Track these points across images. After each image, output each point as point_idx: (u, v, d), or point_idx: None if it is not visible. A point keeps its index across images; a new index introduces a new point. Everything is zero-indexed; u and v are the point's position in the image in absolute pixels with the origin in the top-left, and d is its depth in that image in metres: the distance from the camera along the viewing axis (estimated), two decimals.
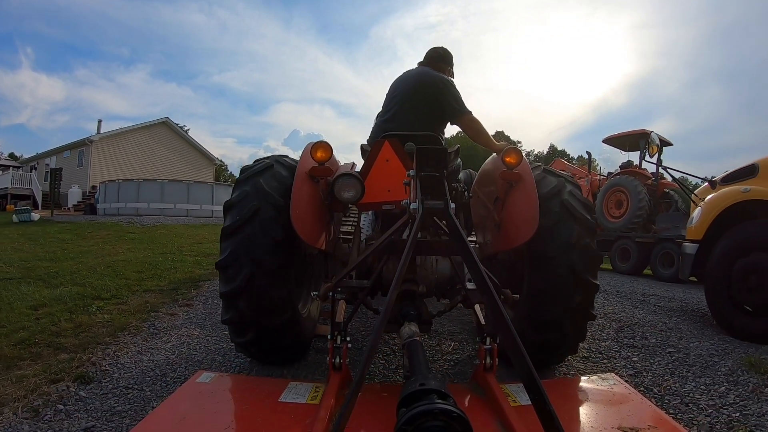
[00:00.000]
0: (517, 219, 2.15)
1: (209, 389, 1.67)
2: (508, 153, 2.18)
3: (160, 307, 3.82)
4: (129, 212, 15.78)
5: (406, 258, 1.43)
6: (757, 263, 3.45)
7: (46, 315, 3.58)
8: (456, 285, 2.26)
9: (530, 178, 2.20)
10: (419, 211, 1.59)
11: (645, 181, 8.87)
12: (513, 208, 2.20)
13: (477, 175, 2.92)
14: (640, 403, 1.69)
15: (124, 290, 4.36)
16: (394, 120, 2.82)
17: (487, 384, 1.72)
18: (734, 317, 3.56)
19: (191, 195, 16.80)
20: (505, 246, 2.22)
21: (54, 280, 5.02)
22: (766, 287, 3.38)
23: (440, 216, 1.70)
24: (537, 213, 2.05)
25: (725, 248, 3.70)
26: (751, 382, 2.53)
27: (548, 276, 2.11)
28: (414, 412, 1.05)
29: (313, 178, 2.20)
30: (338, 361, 1.76)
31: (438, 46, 3.21)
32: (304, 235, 2.02)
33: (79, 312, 3.64)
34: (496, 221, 2.30)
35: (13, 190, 25.28)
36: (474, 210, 2.88)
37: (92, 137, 26.07)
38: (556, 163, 12.58)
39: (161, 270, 5.50)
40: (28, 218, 14.29)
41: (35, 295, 4.28)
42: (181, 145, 29.71)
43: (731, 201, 3.74)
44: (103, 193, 17.31)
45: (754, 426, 2.02)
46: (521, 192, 2.18)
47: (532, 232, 2.03)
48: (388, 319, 1.39)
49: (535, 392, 1.09)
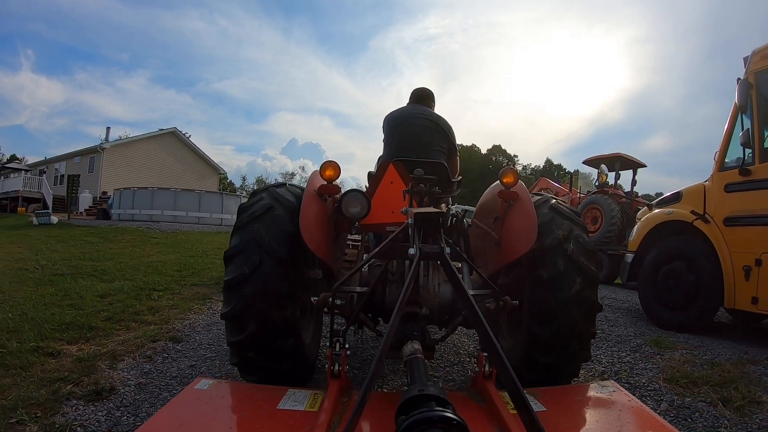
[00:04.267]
0: (516, 233, 2.18)
1: (208, 396, 1.66)
2: (505, 174, 2.25)
3: (211, 296, 4.81)
4: (143, 218, 16.76)
5: (407, 287, 1.50)
6: (675, 269, 4.47)
7: (116, 302, 4.49)
8: (457, 308, 2.23)
9: (526, 195, 2.28)
10: (417, 255, 1.63)
11: (619, 200, 9.91)
12: (512, 223, 2.25)
13: (476, 207, 2.95)
14: (640, 411, 1.67)
15: (173, 284, 5.34)
16: (403, 149, 2.90)
17: (486, 391, 1.71)
18: (658, 311, 4.59)
19: (202, 203, 17.89)
20: (506, 259, 2.22)
21: (104, 276, 5.91)
22: (680, 288, 4.40)
23: (437, 258, 1.72)
24: (535, 226, 2.09)
25: (653, 258, 4.73)
26: (649, 351, 3.54)
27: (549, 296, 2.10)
28: (413, 420, 1.05)
29: (321, 195, 2.23)
30: (337, 368, 1.75)
31: (424, 87, 3.36)
32: (312, 245, 2.02)
33: (144, 299, 4.60)
34: (495, 240, 2.34)
35: (24, 193, 26.16)
36: (473, 240, 2.89)
37: (103, 144, 27.26)
38: (541, 182, 13.64)
39: (197, 269, 6.48)
40: (48, 221, 15.16)
41: (95, 287, 5.14)
42: (187, 155, 30.99)
43: (658, 221, 4.79)
44: (117, 199, 18.30)
45: (636, 374, 3.01)
46: (519, 209, 2.23)
47: (531, 243, 2.06)
48: (391, 341, 1.40)
49: (519, 402, 1.13)
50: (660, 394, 2.67)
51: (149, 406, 2.26)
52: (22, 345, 2.96)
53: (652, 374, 2.99)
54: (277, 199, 2.20)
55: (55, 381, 2.45)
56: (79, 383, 2.45)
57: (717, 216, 4.14)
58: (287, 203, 2.19)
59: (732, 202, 4.04)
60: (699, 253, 4.28)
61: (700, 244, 4.29)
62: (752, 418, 2.36)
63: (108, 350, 2.99)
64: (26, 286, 5.13)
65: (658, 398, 2.60)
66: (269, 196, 2.22)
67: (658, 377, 2.92)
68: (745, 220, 3.90)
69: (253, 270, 1.99)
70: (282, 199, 2.21)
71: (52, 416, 2.08)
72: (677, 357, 3.37)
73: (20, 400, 2.18)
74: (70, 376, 2.53)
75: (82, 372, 2.60)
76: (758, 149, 3.85)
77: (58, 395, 2.28)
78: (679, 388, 2.73)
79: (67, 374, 2.55)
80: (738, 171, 3.96)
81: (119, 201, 18.22)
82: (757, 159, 3.85)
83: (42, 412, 2.10)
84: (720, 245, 4.06)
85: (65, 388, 2.36)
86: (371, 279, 2.25)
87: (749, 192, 3.90)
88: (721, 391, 2.65)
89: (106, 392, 2.35)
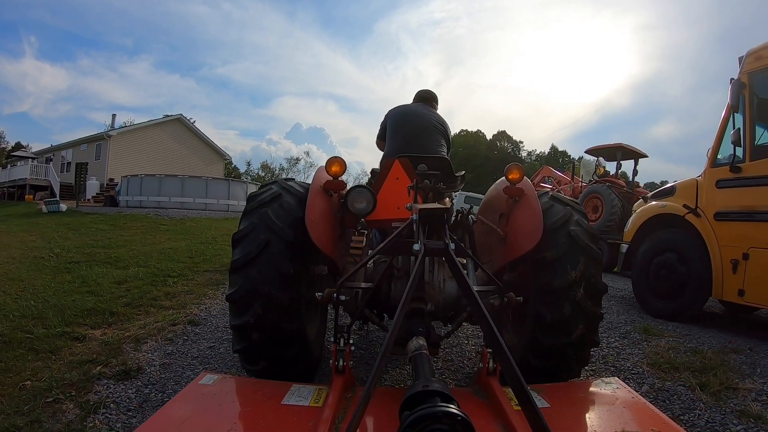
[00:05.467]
0: (522, 229, 2.18)
1: (212, 391, 1.67)
2: (510, 170, 2.25)
3: (224, 281, 5.03)
4: (151, 205, 16.99)
5: (412, 284, 1.50)
6: (667, 261, 4.64)
7: (133, 288, 4.72)
8: (462, 305, 2.24)
9: (532, 191, 2.27)
10: (421, 251, 1.64)
11: (620, 189, 10.03)
12: (517, 220, 2.25)
13: (481, 204, 2.92)
14: (643, 407, 1.68)
15: (186, 270, 5.58)
16: (408, 144, 2.96)
17: (490, 387, 1.72)
18: (650, 300, 4.78)
19: (210, 190, 18.12)
20: (511, 256, 2.23)
21: (119, 263, 6.13)
22: (671, 278, 4.58)
23: (441, 254, 1.72)
24: (541, 222, 2.10)
25: (646, 249, 4.91)
26: (637, 338, 3.74)
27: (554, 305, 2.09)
28: (417, 415, 1.06)
29: (327, 191, 2.25)
30: (341, 363, 1.75)
31: (428, 89, 3.53)
32: (318, 240, 2.03)
33: (160, 285, 4.83)
34: (501, 236, 2.33)
35: (32, 181, 26.49)
36: (478, 236, 2.91)
37: (110, 132, 27.51)
38: (544, 170, 13.77)
39: (209, 256, 6.72)
40: (57, 209, 15.39)
41: (111, 274, 5.37)
42: (193, 141, 31.19)
43: (652, 213, 4.96)
44: (125, 187, 18.51)
45: (622, 359, 3.21)
46: (524, 204, 2.23)
47: (536, 239, 2.07)
48: (396, 337, 1.39)
49: (523, 399, 1.14)
50: (642, 377, 2.87)
51: (174, 383, 2.49)
52: (49, 331, 3.19)
53: (637, 359, 3.19)
54: (286, 188, 2.24)
55: (85, 363, 2.67)
56: (107, 364, 2.68)
57: (708, 210, 4.29)
58: (296, 192, 2.23)
59: (722, 197, 4.19)
60: (690, 245, 4.45)
61: (692, 237, 4.45)
62: (727, 402, 2.54)
63: (131, 334, 3.23)
64: (44, 274, 5.36)
65: (640, 381, 2.81)
66: (279, 186, 2.27)
67: (642, 362, 3.13)
68: (734, 216, 4.06)
69: (260, 250, 2.00)
70: (291, 189, 2.25)
71: (85, 395, 2.30)
72: (663, 344, 3.57)
73: (54, 381, 2.39)
74: (98, 358, 2.76)
75: (109, 354, 2.83)
76: (749, 148, 3.99)
77: (89, 376, 2.51)
78: (661, 373, 2.94)
79: (95, 356, 2.78)
80: (729, 168, 4.10)
81: (127, 188, 18.44)
82: (748, 157, 3.99)
83: (76, 391, 2.32)
84: (710, 239, 4.22)
85: (95, 369, 2.59)
86: (376, 275, 2.26)
87: (739, 189, 4.05)
88: (701, 377, 2.84)
89: (134, 372, 2.58)
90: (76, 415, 2.09)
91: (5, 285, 4.66)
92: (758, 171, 3.90)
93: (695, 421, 2.34)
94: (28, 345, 2.92)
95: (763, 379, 2.91)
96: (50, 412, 2.10)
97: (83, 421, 2.03)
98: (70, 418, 2.06)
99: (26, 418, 2.02)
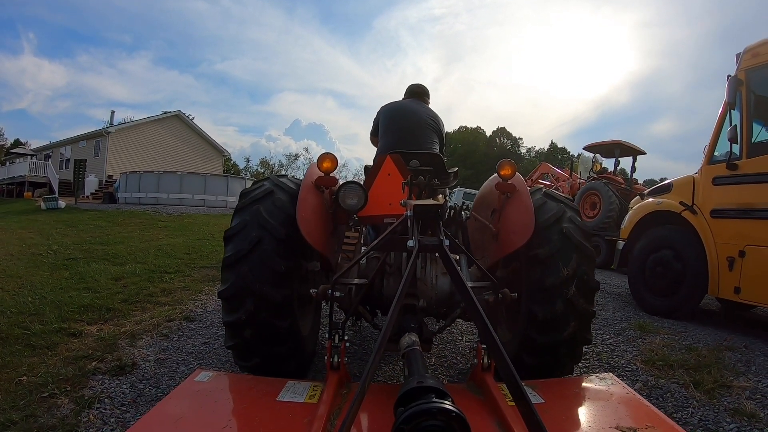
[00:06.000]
0: (514, 224, 2.19)
1: (207, 388, 1.66)
2: (502, 166, 2.25)
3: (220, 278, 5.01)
4: (150, 202, 16.98)
5: (406, 279, 1.51)
6: (663, 257, 4.65)
7: (130, 284, 4.74)
8: (455, 301, 2.25)
9: (524, 187, 2.29)
10: (415, 247, 1.64)
11: (618, 186, 10.03)
12: (509, 215, 2.25)
13: (474, 200, 2.96)
14: (638, 403, 1.69)
15: (183, 267, 5.58)
16: (401, 140, 2.97)
17: (485, 383, 1.72)
18: (646, 297, 4.79)
19: (208, 186, 18.12)
20: (503, 251, 2.23)
21: (116, 260, 6.13)
22: (667, 276, 4.58)
23: (436, 250, 1.73)
24: (532, 218, 2.12)
25: (642, 246, 4.92)
26: (632, 335, 3.75)
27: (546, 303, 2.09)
28: (412, 411, 1.06)
29: (319, 187, 2.25)
30: (336, 360, 1.74)
31: (420, 84, 3.47)
32: (309, 237, 2.02)
33: (157, 281, 4.84)
34: (493, 232, 2.34)
35: (31, 178, 26.38)
36: (472, 233, 2.92)
37: (108, 128, 27.45)
38: (542, 167, 13.76)
39: (206, 252, 6.73)
40: (56, 206, 15.30)
41: (108, 271, 5.38)
42: (192, 138, 31.11)
43: (648, 210, 4.96)
44: (124, 183, 18.51)
45: (616, 356, 3.22)
46: (516, 200, 2.24)
47: (528, 235, 2.08)
48: (389, 333, 1.40)
49: (518, 395, 1.14)
50: (636, 374, 2.88)
51: (168, 379, 2.50)
52: (45, 326, 3.20)
53: (631, 356, 3.20)
54: (278, 185, 2.25)
55: (80, 358, 2.68)
56: (102, 360, 2.69)
57: (704, 208, 4.29)
58: (288, 189, 2.24)
59: (719, 194, 4.19)
60: (686, 242, 4.45)
61: (688, 235, 4.45)
62: (720, 400, 2.55)
63: (127, 330, 3.24)
64: (41, 270, 5.37)
65: (634, 378, 2.82)
66: (271, 182, 2.28)
67: (636, 359, 3.14)
68: (730, 213, 4.06)
69: (252, 247, 2.01)
70: (284, 185, 2.26)
71: (80, 390, 2.31)
72: (658, 341, 3.58)
73: (49, 377, 2.40)
74: (93, 353, 2.77)
75: (105, 350, 2.84)
76: (745, 145, 3.99)
77: (84, 371, 2.52)
78: (655, 370, 2.95)
79: (90, 352, 2.79)
80: (726, 165, 4.10)
81: (125, 184, 18.43)
82: (744, 154, 3.99)
83: (71, 387, 2.33)
84: (706, 236, 4.22)
85: (90, 365, 2.60)
86: (369, 271, 2.27)
87: (735, 186, 4.04)
88: (695, 375, 2.85)
89: (129, 367, 2.60)
90: (71, 410, 2.10)
91: (3, 281, 4.67)
92: (755, 168, 3.90)
93: (688, 419, 2.35)
94: (25, 341, 2.93)
95: (757, 377, 2.91)
96: (45, 406, 2.12)
97: (78, 416, 2.05)
98: (64, 413, 2.07)
99: (22, 413, 2.04)
